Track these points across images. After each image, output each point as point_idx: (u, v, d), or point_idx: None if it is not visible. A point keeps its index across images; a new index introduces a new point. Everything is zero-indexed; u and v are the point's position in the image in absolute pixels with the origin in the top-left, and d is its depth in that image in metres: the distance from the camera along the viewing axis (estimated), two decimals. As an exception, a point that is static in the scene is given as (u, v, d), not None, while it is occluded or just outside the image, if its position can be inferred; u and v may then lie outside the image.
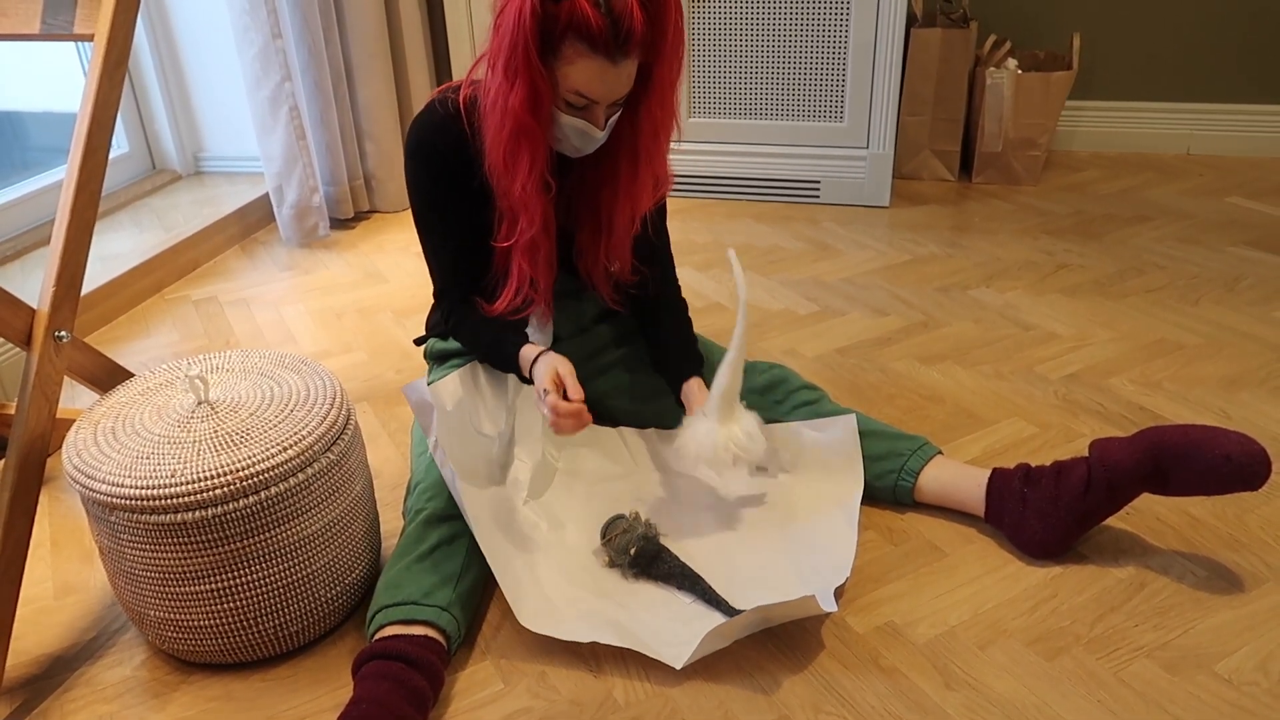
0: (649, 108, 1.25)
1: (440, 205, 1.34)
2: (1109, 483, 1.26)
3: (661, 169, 1.34)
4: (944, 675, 1.14)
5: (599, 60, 1.15)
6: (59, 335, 1.32)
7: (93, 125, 1.32)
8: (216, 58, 2.65)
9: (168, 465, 1.09)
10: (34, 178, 2.41)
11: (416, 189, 1.35)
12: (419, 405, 1.23)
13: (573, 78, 1.17)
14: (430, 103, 1.31)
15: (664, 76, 1.23)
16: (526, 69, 1.15)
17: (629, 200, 1.33)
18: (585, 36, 1.13)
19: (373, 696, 1.05)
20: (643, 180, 1.32)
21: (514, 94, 1.17)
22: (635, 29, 1.14)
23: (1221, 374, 1.74)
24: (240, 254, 2.50)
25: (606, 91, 1.19)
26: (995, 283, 2.14)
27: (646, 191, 1.34)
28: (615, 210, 1.34)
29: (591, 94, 1.19)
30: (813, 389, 1.50)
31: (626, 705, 1.13)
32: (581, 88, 1.18)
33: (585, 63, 1.15)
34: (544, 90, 1.18)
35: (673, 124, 1.30)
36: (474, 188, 1.30)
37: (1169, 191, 2.60)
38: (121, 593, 1.20)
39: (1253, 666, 1.13)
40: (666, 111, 1.27)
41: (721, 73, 2.57)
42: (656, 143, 1.29)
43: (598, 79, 1.17)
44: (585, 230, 1.38)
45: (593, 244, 1.38)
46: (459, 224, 1.34)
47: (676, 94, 1.27)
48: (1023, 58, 2.72)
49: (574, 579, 1.28)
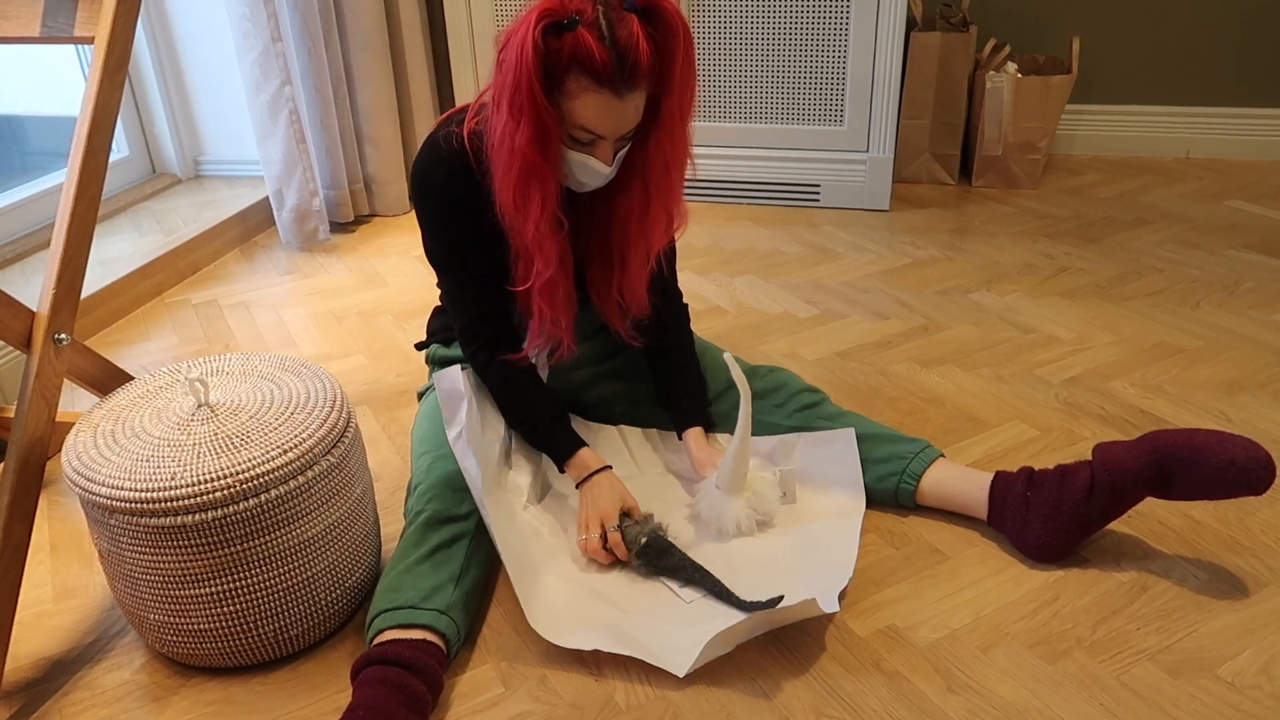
0: (658, 141, 1.21)
1: (454, 236, 1.30)
2: (1112, 486, 1.25)
3: (675, 205, 1.29)
4: (946, 678, 1.14)
5: (604, 94, 1.12)
6: (59, 338, 1.32)
7: (93, 128, 1.32)
8: (216, 61, 2.66)
9: (168, 468, 1.09)
10: (34, 181, 2.40)
11: (429, 228, 1.32)
12: (450, 393, 1.22)
13: (578, 113, 1.14)
14: (433, 139, 1.28)
15: (673, 108, 1.19)
16: (532, 106, 1.12)
17: (641, 236, 1.29)
18: (589, 70, 1.10)
19: (371, 702, 1.05)
20: (655, 216, 1.28)
21: (520, 132, 1.14)
22: (641, 61, 1.10)
23: (1222, 377, 1.74)
24: (240, 258, 2.50)
25: (613, 126, 1.16)
26: (995, 286, 2.14)
27: (660, 228, 1.30)
28: (627, 247, 1.30)
29: (597, 129, 1.16)
30: (814, 391, 1.49)
31: (628, 709, 1.12)
32: (587, 123, 1.15)
33: (590, 97, 1.12)
34: (551, 127, 1.14)
35: (686, 158, 1.26)
36: (485, 226, 1.26)
37: (1169, 195, 2.60)
38: (121, 596, 1.20)
39: (1255, 670, 1.13)
40: (678, 145, 1.23)
41: (722, 76, 2.57)
42: (668, 177, 1.25)
43: (603, 113, 1.14)
44: (596, 264, 1.35)
45: (603, 278, 1.35)
46: (476, 252, 1.30)
47: (689, 127, 1.23)
48: (1022, 61, 2.73)
49: (575, 584, 1.28)
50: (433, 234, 1.32)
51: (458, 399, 1.21)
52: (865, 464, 1.41)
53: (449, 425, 1.23)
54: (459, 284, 1.34)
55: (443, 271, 1.35)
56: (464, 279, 1.33)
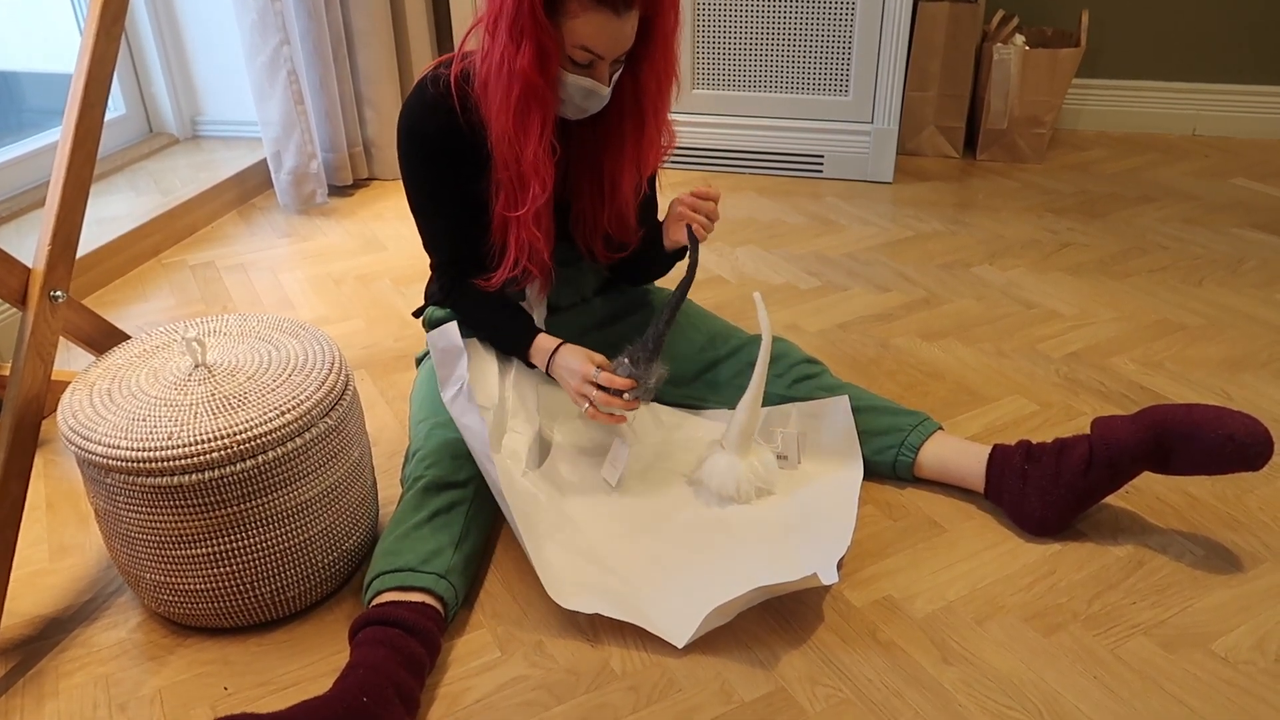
0: (651, 61, 1.25)
1: (435, 187, 1.33)
2: (1110, 461, 1.25)
3: (665, 122, 1.33)
4: (941, 650, 1.14)
5: (604, 13, 1.15)
6: (54, 295, 1.30)
7: (89, 81, 1.30)
8: (215, 20, 2.62)
9: (164, 428, 1.08)
10: (30, 138, 2.38)
11: (410, 172, 1.34)
12: (446, 351, 1.22)
13: (579, 33, 1.16)
14: (421, 82, 1.29)
15: (663, 26, 1.22)
16: (533, 27, 1.14)
17: (634, 161, 1.32)
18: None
19: (369, 662, 1.05)
20: (650, 136, 1.31)
21: (521, 55, 1.16)
22: None
23: (1223, 355, 1.73)
24: (238, 219, 2.48)
25: (613, 45, 1.19)
26: (998, 260, 2.12)
27: (654, 149, 1.33)
28: (620, 173, 1.33)
29: (598, 48, 1.18)
30: (814, 362, 1.49)
31: (623, 675, 1.13)
32: (588, 42, 1.17)
33: (591, 16, 1.15)
34: (551, 49, 1.17)
35: (674, 76, 1.29)
36: (468, 163, 1.28)
37: (1174, 172, 2.59)
38: (117, 555, 1.20)
39: (1249, 645, 1.14)
40: (669, 63, 1.27)
41: (726, 45, 2.54)
42: (663, 96, 1.29)
43: (604, 32, 1.17)
44: (584, 197, 1.36)
45: (592, 211, 1.37)
46: (455, 203, 1.32)
47: (677, 44, 1.26)
48: (1030, 34, 2.69)
49: (575, 551, 1.28)
50: (412, 175, 1.34)
51: (455, 355, 1.20)
52: (864, 436, 1.41)
53: (444, 386, 1.22)
54: (438, 230, 1.37)
55: (420, 214, 1.37)
56: (442, 226, 1.36)
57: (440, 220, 1.36)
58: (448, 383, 1.22)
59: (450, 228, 1.35)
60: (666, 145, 1.36)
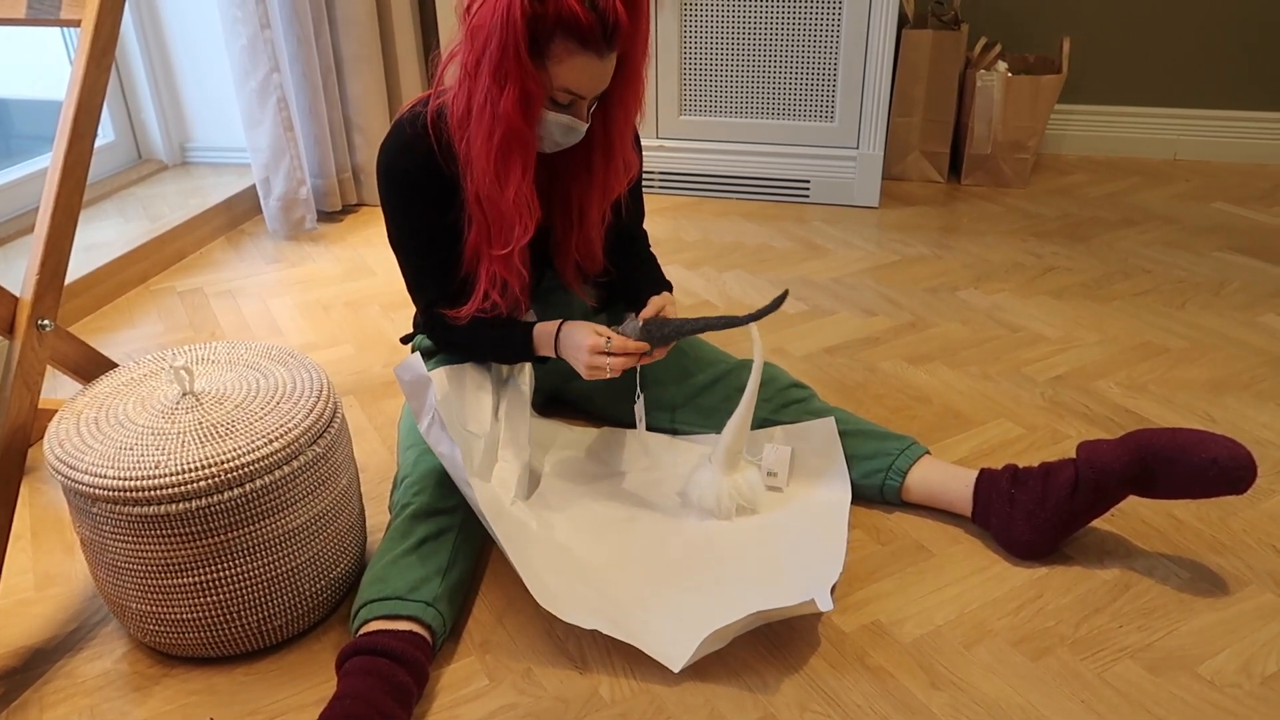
0: (623, 94, 1.26)
1: (418, 225, 1.33)
2: (1096, 484, 1.26)
3: (630, 153, 1.35)
4: (929, 675, 1.15)
5: (588, 56, 1.16)
6: (42, 324, 1.30)
7: (79, 112, 1.30)
8: (204, 47, 2.63)
9: (151, 457, 1.08)
10: (18, 165, 2.38)
11: (391, 212, 1.34)
12: (414, 382, 1.19)
13: (563, 76, 1.17)
14: (398, 122, 1.30)
15: (635, 61, 1.24)
16: (519, 71, 1.15)
17: (602, 189, 1.34)
18: (575, 34, 1.14)
19: (357, 692, 1.04)
20: (615, 166, 1.33)
21: (505, 98, 1.16)
22: (620, 22, 1.16)
23: (1207, 378, 1.75)
24: (226, 245, 2.48)
25: (595, 85, 1.20)
26: (983, 284, 2.14)
27: (619, 177, 1.35)
28: (588, 201, 1.35)
29: (581, 89, 1.19)
30: (801, 387, 1.50)
31: (613, 702, 1.12)
32: (571, 85, 1.18)
33: (575, 60, 1.16)
34: (536, 92, 1.18)
35: (641, 106, 1.31)
36: (447, 200, 1.29)
37: (1156, 196, 2.62)
38: (103, 585, 1.19)
39: (1235, 668, 1.14)
40: (637, 95, 1.29)
41: (713, 71, 2.57)
42: (629, 124, 1.31)
43: (588, 74, 1.18)
44: (559, 226, 1.38)
45: (565, 238, 1.39)
46: (438, 241, 1.33)
47: (644, 74, 1.28)
48: (1013, 60, 2.73)
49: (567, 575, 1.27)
50: (394, 215, 1.34)
51: (423, 385, 1.19)
52: (851, 460, 1.41)
53: (418, 417, 1.21)
54: (420, 270, 1.38)
55: (405, 256, 1.38)
56: (425, 266, 1.37)
57: (426, 259, 1.36)
58: (420, 413, 1.21)
59: (434, 266, 1.35)
60: (630, 172, 1.37)
